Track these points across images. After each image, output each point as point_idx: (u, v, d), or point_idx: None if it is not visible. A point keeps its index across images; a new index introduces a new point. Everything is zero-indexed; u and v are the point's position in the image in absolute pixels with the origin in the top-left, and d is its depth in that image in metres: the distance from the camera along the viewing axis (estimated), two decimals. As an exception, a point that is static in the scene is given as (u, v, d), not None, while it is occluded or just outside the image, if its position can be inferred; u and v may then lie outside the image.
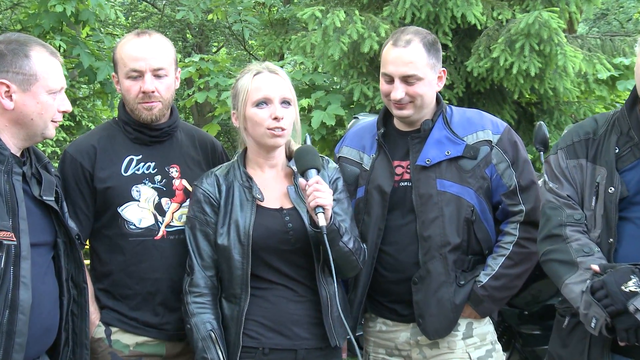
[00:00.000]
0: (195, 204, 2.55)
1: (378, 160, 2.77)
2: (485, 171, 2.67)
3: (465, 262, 2.68)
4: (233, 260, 2.47)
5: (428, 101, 2.71)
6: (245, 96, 2.53)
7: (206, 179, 2.58)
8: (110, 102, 8.02)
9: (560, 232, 2.43)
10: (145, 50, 2.67)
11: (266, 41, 8.80)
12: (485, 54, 6.27)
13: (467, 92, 6.72)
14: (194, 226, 2.54)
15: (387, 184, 2.71)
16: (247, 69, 2.61)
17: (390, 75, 2.67)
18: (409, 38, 2.66)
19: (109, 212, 2.70)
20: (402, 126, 2.80)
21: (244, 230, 2.47)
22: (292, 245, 2.51)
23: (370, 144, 2.83)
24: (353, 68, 6.90)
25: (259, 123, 2.52)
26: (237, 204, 2.51)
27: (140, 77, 2.66)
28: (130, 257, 2.69)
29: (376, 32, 6.37)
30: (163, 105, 2.71)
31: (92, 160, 2.70)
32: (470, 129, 2.72)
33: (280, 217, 2.53)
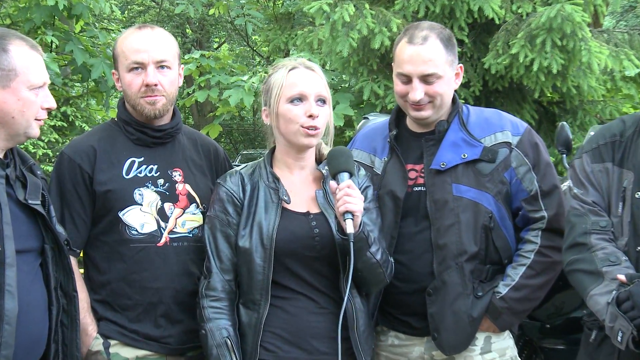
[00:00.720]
0: (217, 203, 2.56)
1: (390, 164, 2.77)
2: (504, 175, 2.67)
3: (483, 272, 2.67)
4: (254, 264, 2.47)
5: (447, 100, 2.72)
6: (280, 91, 2.53)
7: (230, 178, 2.59)
8: (105, 102, 8.05)
9: (585, 240, 2.42)
10: (148, 42, 2.69)
11: (270, 37, 8.82)
12: (504, 50, 6.27)
13: (485, 90, 6.72)
14: (214, 226, 2.55)
15: (400, 189, 2.70)
16: (281, 64, 2.62)
17: (408, 75, 2.66)
18: (425, 34, 2.65)
19: (108, 217, 2.71)
20: (415, 127, 2.80)
21: (268, 233, 2.47)
22: (318, 252, 2.50)
23: (382, 146, 2.83)
24: (363, 65, 6.91)
25: (292, 120, 2.52)
26: (262, 205, 2.52)
27: (142, 69, 2.68)
28: (131, 264, 2.70)
29: (387, 27, 6.37)
30: (167, 100, 2.73)
31: (92, 162, 2.72)
32: (488, 130, 2.71)
33: (307, 222, 2.53)
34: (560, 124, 4.55)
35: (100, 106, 9.87)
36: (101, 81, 7.31)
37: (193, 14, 9.68)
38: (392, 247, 2.69)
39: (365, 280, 2.55)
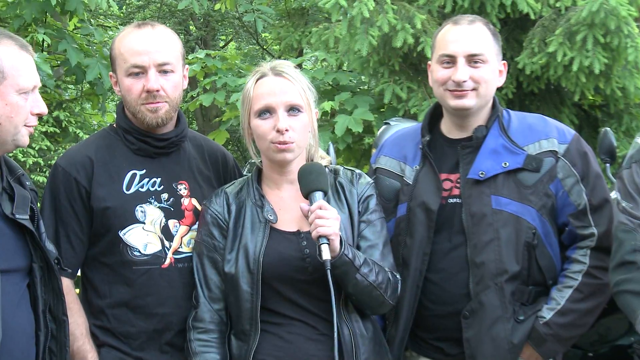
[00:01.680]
0: (203, 227, 2.58)
1: (422, 173, 2.76)
2: (549, 187, 2.65)
3: (525, 293, 2.64)
4: (241, 291, 2.47)
5: (490, 93, 2.72)
6: (248, 105, 2.56)
7: (215, 198, 2.60)
8: (101, 105, 8.09)
9: (634, 258, 2.40)
10: (148, 42, 2.68)
11: (282, 34, 8.83)
12: (540, 48, 6.23)
13: (518, 93, 6.67)
14: (201, 252, 2.56)
15: (434, 201, 2.69)
16: (255, 70, 2.62)
17: (453, 55, 2.66)
18: (472, 19, 2.71)
19: (108, 236, 2.70)
20: (451, 133, 2.78)
21: (254, 256, 2.47)
22: (310, 274, 2.49)
23: (414, 153, 2.81)
24: (384, 65, 6.89)
25: (262, 136, 2.53)
26: (248, 226, 2.52)
27: (143, 73, 2.67)
28: (135, 289, 2.69)
29: (411, 24, 6.36)
30: (170, 106, 2.72)
31: (89, 174, 2.71)
32: (532, 137, 2.69)
33: (297, 242, 2.52)
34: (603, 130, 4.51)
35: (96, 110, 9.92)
36: (97, 83, 7.35)
37: (197, 10, 9.73)
38: (425, 264, 2.67)
39: (363, 304, 2.54)
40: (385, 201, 2.80)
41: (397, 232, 2.75)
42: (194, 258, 2.59)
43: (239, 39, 17.89)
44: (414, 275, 2.68)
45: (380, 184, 2.83)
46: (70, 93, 11.48)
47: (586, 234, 2.64)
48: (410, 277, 2.69)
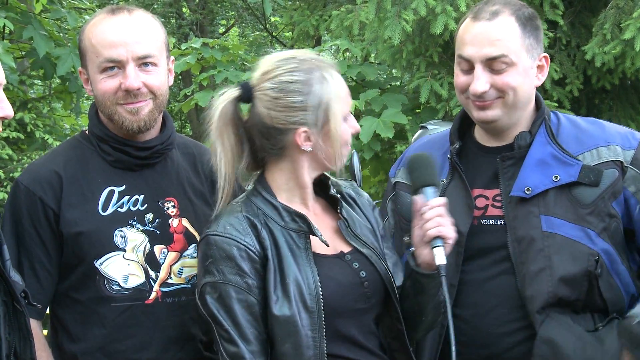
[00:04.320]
0: (223, 263, 2.52)
1: (450, 188, 2.77)
2: (612, 205, 2.64)
3: (586, 320, 2.63)
4: (300, 336, 2.47)
5: (524, 99, 2.71)
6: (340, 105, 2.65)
7: (233, 224, 2.55)
8: (75, 106, 8.16)
9: None
10: (125, 32, 2.70)
11: (296, 19, 8.89)
12: (614, 35, 6.22)
13: (586, 90, 6.66)
14: (226, 296, 2.51)
15: (464, 222, 2.70)
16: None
17: (469, 59, 2.66)
18: (496, 9, 2.67)
19: (81, 267, 2.71)
20: (486, 140, 2.79)
21: (310, 290, 2.48)
22: (368, 301, 2.57)
23: (440, 164, 2.82)
24: (419, 57, 6.91)
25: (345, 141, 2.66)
26: (288, 254, 2.52)
27: (119, 69, 2.69)
28: (112, 330, 2.70)
29: (453, 6, 6.38)
30: (154, 105, 2.74)
31: (57, 193, 2.72)
32: (588, 144, 2.69)
33: (347, 265, 2.58)
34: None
35: (69, 111, 9.99)
36: (70, 78, 7.42)
37: (192, -11, 9.80)
38: (452, 298, 2.66)
39: (428, 326, 2.68)
40: (405, 222, 2.82)
41: None
42: (211, 306, 2.52)
43: (243, 25, 18.00)
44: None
45: (399, 201, 2.87)
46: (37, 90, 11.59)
47: None
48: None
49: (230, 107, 2.57)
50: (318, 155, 2.54)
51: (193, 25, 16.52)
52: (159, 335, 2.69)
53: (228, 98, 2.58)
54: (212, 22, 17.37)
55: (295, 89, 2.51)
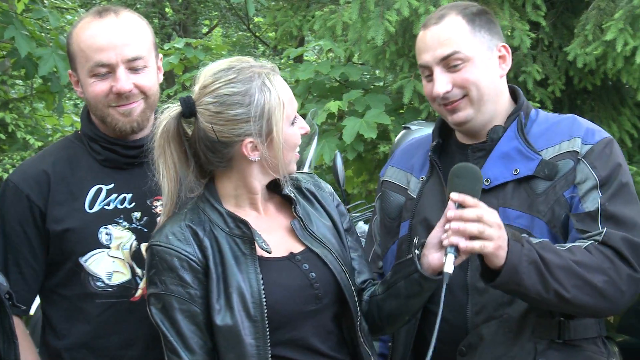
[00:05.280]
0: (165, 274, 2.50)
1: (429, 185, 2.79)
2: (563, 194, 2.64)
3: (552, 327, 2.64)
4: (244, 345, 2.46)
5: (490, 91, 2.72)
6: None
7: (175, 234, 2.54)
8: (57, 106, 8.13)
9: None
10: (114, 35, 2.71)
11: (279, 19, 8.89)
12: (596, 36, 6.27)
13: (568, 90, 6.71)
14: (169, 307, 2.50)
15: (437, 218, 2.69)
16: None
17: (426, 65, 2.70)
18: (442, 13, 2.73)
19: (67, 264, 2.72)
20: (465, 138, 2.82)
21: (253, 298, 2.47)
22: (320, 301, 2.54)
23: (422, 162, 2.85)
24: (403, 57, 6.94)
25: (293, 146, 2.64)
26: (232, 262, 2.53)
27: (110, 72, 2.70)
28: (96, 326, 2.70)
29: (436, 6, 6.40)
30: (146, 104, 2.74)
31: (44, 192, 2.73)
32: (554, 140, 2.71)
33: (296, 267, 2.55)
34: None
35: (51, 112, 9.97)
36: (52, 78, 7.39)
37: (175, -11, 9.78)
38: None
39: (403, 324, 2.69)
40: (389, 220, 2.84)
41: (399, 256, 2.77)
42: (155, 316, 2.53)
43: (226, 25, 17.99)
44: None
45: (385, 199, 2.87)
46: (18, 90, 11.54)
47: (591, 235, 2.60)
48: None
49: (173, 123, 2.54)
50: (267, 163, 2.53)
51: (176, 26, 16.51)
52: (144, 332, 2.69)
53: (170, 114, 2.54)
54: (195, 22, 17.35)
55: (236, 101, 2.47)
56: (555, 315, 2.63)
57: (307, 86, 7.93)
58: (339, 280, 2.54)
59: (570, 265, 2.50)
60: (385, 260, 2.87)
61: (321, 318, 2.54)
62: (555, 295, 2.49)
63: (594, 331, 2.68)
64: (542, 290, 2.48)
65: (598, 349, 2.67)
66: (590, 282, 2.51)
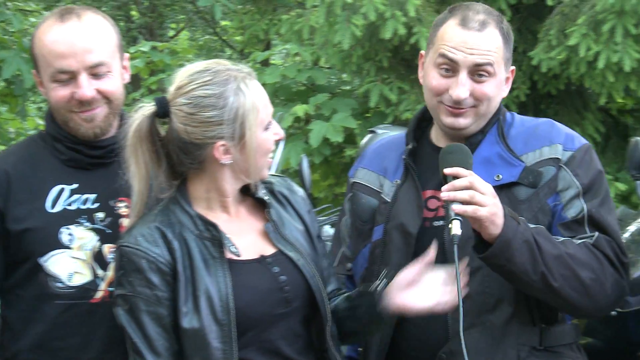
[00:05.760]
0: (133, 275, 2.51)
1: (404, 189, 2.78)
2: (547, 201, 2.67)
3: (535, 335, 2.65)
4: (210, 349, 2.46)
5: (493, 109, 2.73)
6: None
7: (144, 236, 2.54)
8: (20, 109, 8.07)
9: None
10: (75, 40, 2.67)
11: (246, 22, 8.88)
12: (559, 41, 6.33)
13: (532, 95, 6.77)
14: (135, 308, 2.50)
15: (413, 223, 2.71)
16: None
17: (455, 62, 2.67)
18: (483, 19, 2.69)
19: (26, 264, 2.70)
20: (442, 141, 2.79)
21: (221, 301, 2.47)
22: (289, 305, 2.53)
23: (395, 165, 2.84)
24: (369, 61, 6.96)
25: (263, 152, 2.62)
26: (201, 265, 2.53)
27: (72, 79, 2.68)
28: (54, 327, 2.67)
29: (402, 10, 6.44)
30: (109, 109, 2.72)
31: (4, 191, 2.70)
32: (534, 145, 2.72)
33: (266, 270, 2.55)
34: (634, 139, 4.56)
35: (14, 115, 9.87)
36: (15, 81, 7.33)
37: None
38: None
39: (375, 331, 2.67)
40: (361, 223, 2.83)
41: (371, 260, 2.77)
42: (121, 318, 2.53)
43: (193, 28, 17.92)
44: None
45: (356, 202, 2.85)
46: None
47: (582, 237, 2.64)
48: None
49: (146, 123, 2.54)
50: (239, 167, 2.54)
51: (142, 29, 16.41)
52: (102, 334, 2.67)
53: (144, 114, 2.54)
54: (162, 25, 17.27)
55: (210, 103, 2.47)
56: (536, 322, 2.64)
57: (274, 90, 7.93)
58: (311, 285, 2.54)
59: (562, 255, 2.53)
60: (355, 263, 2.85)
61: (290, 321, 2.54)
62: (541, 280, 2.51)
63: (571, 337, 2.71)
64: (530, 271, 2.49)
65: (574, 354, 2.69)
66: (578, 275, 2.54)
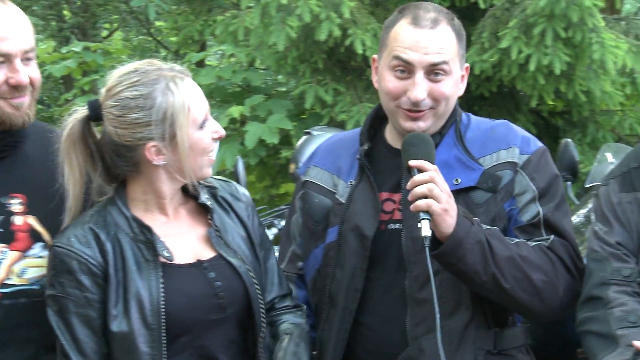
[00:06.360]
0: (64, 276, 2.50)
1: (358, 190, 2.74)
2: (503, 206, 2.67)
3: (489, 339, 2.66)
4: (139, 353, 2.45)
5: (450, 109, 2.70)
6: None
7: (77, 236, 2.52)
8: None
9: (601, 293, 2.48)
10: (10, 24, 2.64)
11: (180, 23, 8.83)
12: (491, 44, 6.42)
13: (465, 97, 6.75)
14: (65, 309, 2.49)
15: (369, 225, 2.69)
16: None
17: (411, 63, 2.64)
18: (435, 17, 2.67)
19: None
20: (397, 142, 2.73)
21: (152, 305, 2.46)
22: (224, 311, 2.52)
23: (349, 165, 2.80)
24: (304, 63, 6.98)
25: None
26: (133, 268, 2.51)
27: (3, 63, 2.62)
28: None
29: (337, 12, 6.47)
30: (32, 98, 2.65)
31: None
32: (491, 148, 2.70)
33: (202, 275, 2.54)
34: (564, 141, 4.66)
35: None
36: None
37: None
38: (355, 302, 2.68)
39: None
40: (313, 223, 2.80)
41: (325, 261, 2.74)
42: (51, 319, 2.50)
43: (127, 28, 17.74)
44: (342, 315, 2.68)
45: (308, 201, 2.82)
46: None
47: (538, 240, 2.65)
48: (337, 318, 2.68)
49: (79, 126, 2.53)
50: (173, 167, 2.52)
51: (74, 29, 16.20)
52: (12, 336, 2.62)
53: (76, 117, 2.54)
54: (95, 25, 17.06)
55: (137, 104, 2.46)
56: (491, 326, 2.65)
57: (209, 91, 7.90)
58: (249, 292, 2.53)
59: (514, 257, 2.54)
60: (307, 263, 2.82)
61: (225, 328, 2.53)
62: (492, 281, 2.53)
63: (522, 339, 2.73)
64: (481, 272, 2.51)
65: (525, 357, 2.71)
66: (530, 277, 2.56)
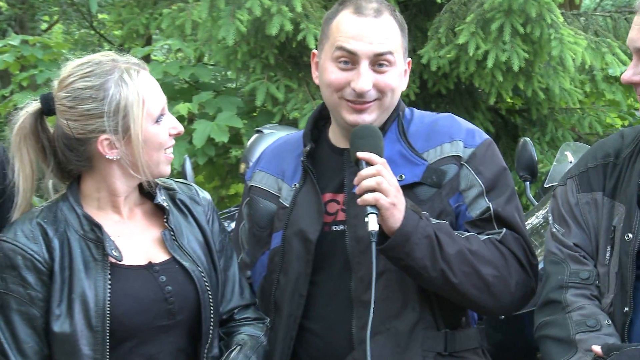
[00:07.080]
0: (7, 272, 2.46)
1: (302, 193, 2.75)
2: (449, 201, 2.68)
3: (439, 340, 2.67)
4: (80, 355, 2.42)
5: (395, 102, 2.72)
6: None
7: (23, 232, 2.49)
8: None
9: (559, 297, 2.49)
10: None
11: (125, 16, 8.75)
12: (449, 39, 6.43)
13: (422, 94, 6.86)
14: (6, 306, 2.45)
15: (313, 229, 2.69)
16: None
17: (355, 53, 2.64)
18: (377, 7, 2.68)
19: None
20: (340, 141, 2.77)
21: (97, 307, 2.43)
22: (174, 317, 2.51)
23: (293, 168, 2.81)
24: (255, 58, 6.95)
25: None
26: (80, 267, 2.46)
27: None
28: None
29: (289, 6, 6.44)
30: None
31: None
32: (434, 141, 2.71)
33: (152, 278, 2.51)
34: (522, 140, 4.68)
35: None
36: None
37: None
38: (300, 309, 2.67)
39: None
40: (259, 229, 2.79)
41: (270, 268, 2.74)
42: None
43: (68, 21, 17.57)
44: (287, 322, 2.67)
45: (254, 207, 2.82)
46: None
47: (490, 233, 2.65)
48: (282, 326, 2.68)
49: (30, 120, 2.51)
50: (127, 162, 2.50)
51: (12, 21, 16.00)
52: None
53: (28, 111, 2.52)
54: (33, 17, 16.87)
55: (89, 95, 2.45)
56: (440, 327, 2.65)
57: (155, 87, 7.84)
58: (200, 300, 2.52)
59: (463, 252, 2.55)
60: (254, 271, 2.82)
61: (174, 335, 2.52)
62: (441, 276, 2.53)
63: (476, 341, 2.74)
64: (429, 267, 2.52)
65: (478, 359, 2.72)
66: (479, 272, 2.56)
